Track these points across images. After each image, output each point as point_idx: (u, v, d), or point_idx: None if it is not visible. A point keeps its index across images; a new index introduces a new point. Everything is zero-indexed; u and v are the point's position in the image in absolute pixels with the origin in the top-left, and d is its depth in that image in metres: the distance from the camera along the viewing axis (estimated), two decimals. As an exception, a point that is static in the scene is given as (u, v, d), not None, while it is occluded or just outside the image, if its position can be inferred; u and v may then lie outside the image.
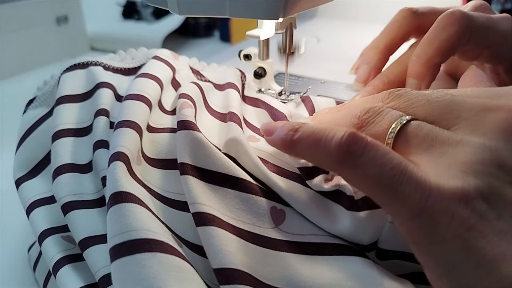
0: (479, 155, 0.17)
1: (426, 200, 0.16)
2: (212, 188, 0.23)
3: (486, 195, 0.16)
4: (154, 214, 0.22)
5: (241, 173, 0.24)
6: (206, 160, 0.24)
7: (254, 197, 0.23)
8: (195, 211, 0.22)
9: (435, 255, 0.17)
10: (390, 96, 0.23)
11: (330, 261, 0.22)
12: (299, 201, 0.23)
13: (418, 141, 0.19)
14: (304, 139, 0.21)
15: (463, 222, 0.16)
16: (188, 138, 0.24)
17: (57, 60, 0.80)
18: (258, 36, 0.33)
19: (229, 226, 0.22)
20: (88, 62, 0.33)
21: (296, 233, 0.23)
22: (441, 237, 0.16)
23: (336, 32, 0.49)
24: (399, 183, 0.17)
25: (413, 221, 0.17)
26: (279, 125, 0.23)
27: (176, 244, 0.21)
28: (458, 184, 0.16)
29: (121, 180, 0.22)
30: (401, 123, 0.20)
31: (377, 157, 0.18)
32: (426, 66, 0.32)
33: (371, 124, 0.21)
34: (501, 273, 0.15)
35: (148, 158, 0.27)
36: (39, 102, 0.33)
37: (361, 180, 0.18)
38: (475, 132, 0.18)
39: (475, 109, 0.19)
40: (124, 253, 0.19)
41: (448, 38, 0.31)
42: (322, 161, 0.20)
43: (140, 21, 0.93)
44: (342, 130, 0.19)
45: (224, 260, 0.19)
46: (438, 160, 0.18)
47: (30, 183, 0.29)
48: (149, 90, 0.29)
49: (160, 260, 0.18)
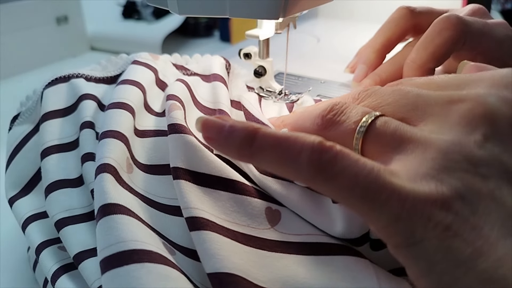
0: (447, 150, 0.17)
1: (403, 205, 0.16)
2: (206, 191, 0.23)
3: (460, 192, 0.16)
4: (144, 223, 0.22)
5: (235, 175, 0.24)
6: (199, 163, 0.24)
7: (248, 199, 0.23)
8: (189, 216, 0.22)
9: (414, 257, 0.17)
10: (360, 96, 0.22)
11: (326, 261, 0.21)
12: (290, 198, 0.23)
13: (387, 138, 0.19)
14: (266, 149, 0.18)
15: (439, 223, 0.16)
16: (180, 141, 0.24)
17: (57, 60, 0.80)
18: (258, 36, 0.33)
19: (223, 229, 0.22)
20: (69, 75, 0.33)
21: (292, 233, 0.23)
22: (419, 239, 0.16)
23: (336, 32, 0.49)
24: (374, 190, 0.17)
25: (391, 227, 0.17)
26: (225, 125, 0.19)
27: (166, 252, 0.21)
28: (432, 186, 0.16)
29: (109, 192, 0.22)
30: (370, 118, 0.20)
31: (349, 166, 0.17)
32: (420, 71, 0.32)
33: (336, 124, 0.21)
34: (479, 269, 0.15)
35: (141, 164, 0.27)
36: (23, 118, 0.33)
37: (335, 191, 0.18)
38: (442, 128, 0.18)
39: (440, 103, 0.19)
40: (114, 265, 0.19)
41: (443, 43, 0.31)
42: (290, 174, 0.19)
43: (140, 21, 0.93)
44: (309, 140, 0.17)
45: (218, 264, 0.19)
46: (408, 158, 0.18)
47: (23, 201, 0.29)
48: (130, 96, 0.29)
49: (149, 270, 0.19)
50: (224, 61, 0.35)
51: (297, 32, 0.34)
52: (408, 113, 0.20)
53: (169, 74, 0.35)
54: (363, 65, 0.39)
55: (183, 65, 0.36)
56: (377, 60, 0.39)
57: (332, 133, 0.21)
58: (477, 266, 0.15)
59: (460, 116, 0.18)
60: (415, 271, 0.17)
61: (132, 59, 0.34)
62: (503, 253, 0.15)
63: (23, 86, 0.68)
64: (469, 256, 0.15)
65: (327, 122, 0.21)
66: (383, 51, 0.39)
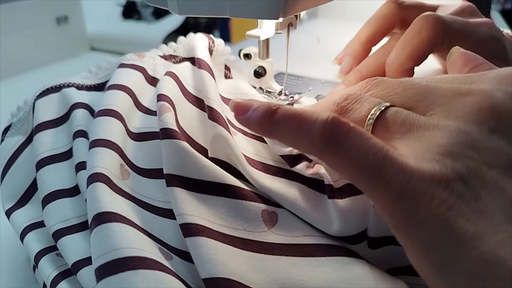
0: (454, 138, 0.18)
1: (408, 182, 0.17)
2: (201, 197, 0.23)
3: (463, 176, 0.17)
4: (141, 230, 0.22)
5: (230, 179, 0.24)
6: (192, 170, 0.24)
7: (244, 203, 0.23)
8: (182, 222, 0.22)
9: (416, 236, 0.17)
10: (368, 85, 0.23)
11: (323, 263, 0.22)
12: (287, 197, 0.23)
13: (396, 126, 0.20)
14: (284, 121, 0.20)
15: (442, 203, 0.16)
16: (173, 148, 0.24)
17: (57, 60, 0.80)
18: (258, 36, 0.33)
19: (219, 234, 0.22)
20: (60, 84, 0.33)
21: (289, 234, 0.23)
22: (422, 218, 0.17)
23: (336, 32, 0.49)
24: (382, 167, 0.17)
25: (395, 204, 0.17)
26: (254, 104, 0.21)
27: (162, 258, 0.21)
28: (436, 167, 0.17)
29: (103, 201, 0.22)
30: (379, 110, 0.21)
31: (360, 142, 0.18)
32: (399, 71, 0.33)
33: (350, 111, 0.22)
34: (480, 251, 0.15)
35: (139, 169, 0.27)
36: (15, 129, 0.33)
37: (344, 164, 0.18)
38: (450, 117, 0.19)
39: (449, 95, 0.20)
40: (109, 272, 0.19)
41: (421, 43, 0.31)
42: (304, 145, 0.20)
43: (140, 21, 0.93)
44: (325, 114, 0.19)
45: (214, 269, 0.19)
46: (416, 144, 0.19)
47: (21, 212, 0.29)
48: (117, 102, 0.29)
49: (144, 276, 0.19)
50: (207, 40, 0.34)
51: (297, 32, 0.34)
52: (417, 103, 0.20)
53: (159, 68, 0.34)
54: (349, 57, 0.41)
55: (171, 53, 0.36)
56: (362, 53, 0.40)
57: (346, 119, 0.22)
58: (478, 247, 0.16)
59: (467, 107, 0.18)
60: (416, 252, 0.17)
61: (119, 62, 0.34)
62: (504, 237, 0.16)
63: (23, 86, 0.68)
64: (471, 236, 0.16)
65: (341, 109, 0.22)
66: (369, 44, 0.40)
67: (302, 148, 0.22)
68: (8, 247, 0.32)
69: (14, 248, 0.32)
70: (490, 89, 0.19)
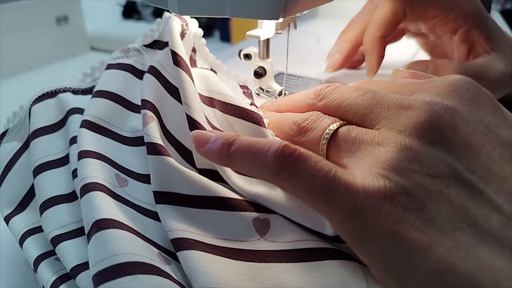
0: (397, 153, 0.19)
1: (355, 200, 0.18)
2: (192, 212, 0.23)
3: (407, 189, 0.18)
4: (139, 235, 0.23)
5: (219, 190, 0.24)
6: (181, 185, 0.24)
7: (235, 213, 0.23)
8: (173, 238, 0.22)
9: (370, 252, 0.18)
10: (321, 93, 0.25)
11: (316, 267, 0.22)
12: (277, 201, 0.23)
13: (348, 144, 0.21)
14: (239, 152, 0.21)
15: (389, 216, 0.17)
16: (159, 165, 0.24)
17: (57, 60, 0.80)
18: (258, 36, 0.33)
19: (211, 247, 0.22)
20: (56, 90, 0.33)
21: (282, 240, 0.23)
22: (372, 233, 0.17)
23: (336, 32, 0.49)
24: (331, 188, 0.18)
25: (346, 223, 0.18)
26: (211, 136, 0.22)
27: (160, 263, 0.21)
28: (381, 182, 0.18)
29: (101, 208, 0.22)
30: (331, 130, 0.22)
31: (309, 166, 0.19)
32: (371, 42, 0.39)
33: (309, 131, 0.23)
34: (431, 259, 0.16)
35: (138, 174, 0.27)
36: (12, 135, 0.33)
37: (296, 189, 0.19)
38: (393, 130, 0.20)
39: (392, 108, 0.21)
40: (107, 278, 0.19)
41: (384, 13, 0.38)
42: (259, 173, 0.21)
43: (140, 21, 0.93)
44: (276, 143, 0.20)
45: (207, 280, 0.20)
46: (364, 161, 0.20)
47: (19, 217, 0.29)
48: (98, 111, 0.29)
49: (142, 281, 0.19)
50: (179, 27, 0.31)
51: (297, 32, 0.34)
52: (365, 116, 0.22)
53: (146, 59, 0.34)
54: (337, 54, 0.45)
55: (154, 39, 0.35)
56: (349, 51, 0.45)
57: (304, 139, 0.24)
58: (429, 256, 0.16)
59: (408, 122, 0.20)
60: (374, 267, 0.18)
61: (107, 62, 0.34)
62: (452, 244, 0.16)
63: (23, 86, 0.68)
64: (421, 246, 0.16)
65: (301, 129, 0.24)
66: (356, 42, 0.44)
67: (259, 176, 0.23)
68: (8, 247, 0.32)
69: (14, 248, 0.32)
70: (429, 102, 0.20)
